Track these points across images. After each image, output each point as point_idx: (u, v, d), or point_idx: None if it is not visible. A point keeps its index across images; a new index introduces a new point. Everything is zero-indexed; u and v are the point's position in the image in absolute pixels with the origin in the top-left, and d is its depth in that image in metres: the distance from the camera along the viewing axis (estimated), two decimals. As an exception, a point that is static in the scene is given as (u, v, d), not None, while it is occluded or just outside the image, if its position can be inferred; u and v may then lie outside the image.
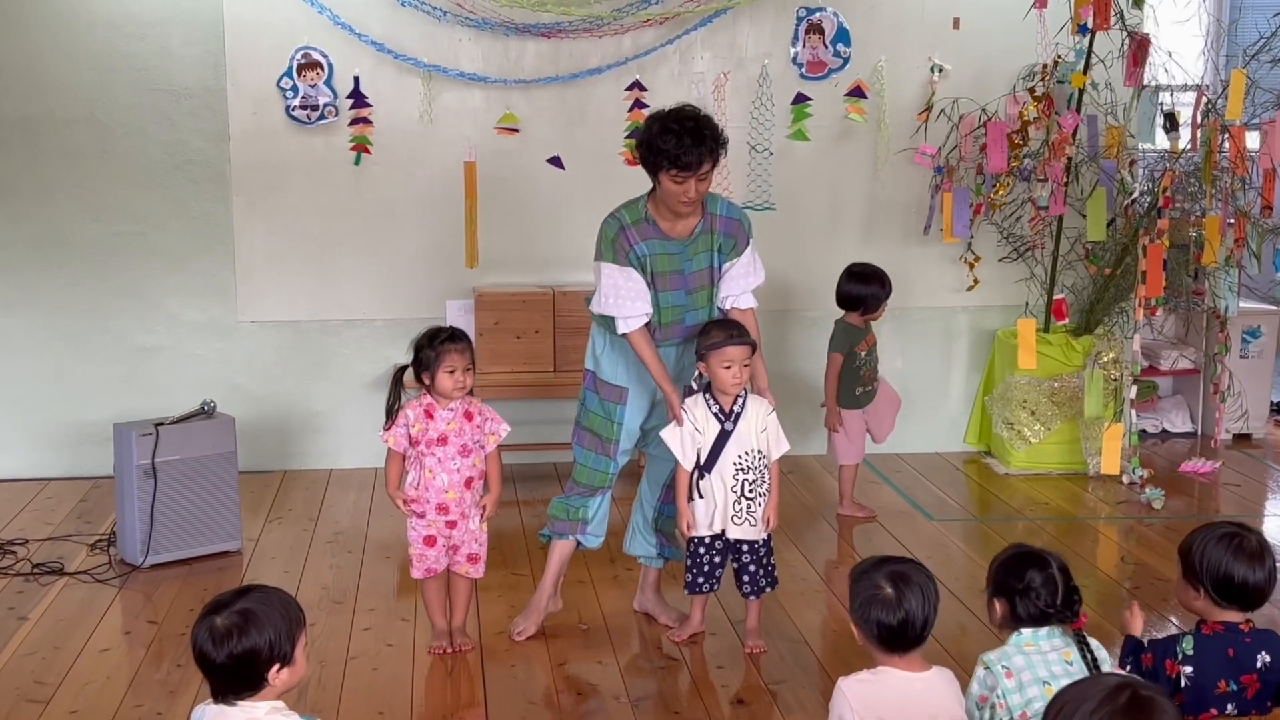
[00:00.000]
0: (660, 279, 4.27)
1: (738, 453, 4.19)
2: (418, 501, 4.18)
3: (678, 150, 4.08)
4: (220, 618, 2.62)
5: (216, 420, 5.23)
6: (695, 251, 4.29)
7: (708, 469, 4.20)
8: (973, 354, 6.80)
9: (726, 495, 4.20)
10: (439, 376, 4.11)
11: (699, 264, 4.30)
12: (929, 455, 6.72)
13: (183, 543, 5.14)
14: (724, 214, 4.32)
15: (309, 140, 6.28)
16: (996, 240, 6.56)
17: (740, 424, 4.20)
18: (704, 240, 4.30)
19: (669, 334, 4.35)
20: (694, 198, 4.15)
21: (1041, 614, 2.99)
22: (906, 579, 2.89)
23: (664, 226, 4.26)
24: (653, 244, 4.25)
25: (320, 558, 5.26)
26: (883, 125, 6.50)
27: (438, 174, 6.37)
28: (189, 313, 6.35)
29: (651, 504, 4.55)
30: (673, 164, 4.09)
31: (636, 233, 4.25)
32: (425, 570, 4.25)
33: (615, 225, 4.26)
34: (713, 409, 4.21)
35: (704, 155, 4.10)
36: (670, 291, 4.29)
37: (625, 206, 4.31)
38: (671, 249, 4.26)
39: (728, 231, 4.32)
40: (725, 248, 4.32)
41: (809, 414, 6.60)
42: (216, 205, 6.29)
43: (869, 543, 5.39)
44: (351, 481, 6.28)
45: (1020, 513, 5.85)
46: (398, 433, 4.17)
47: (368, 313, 6.44)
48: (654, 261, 4.26)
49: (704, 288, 4.33)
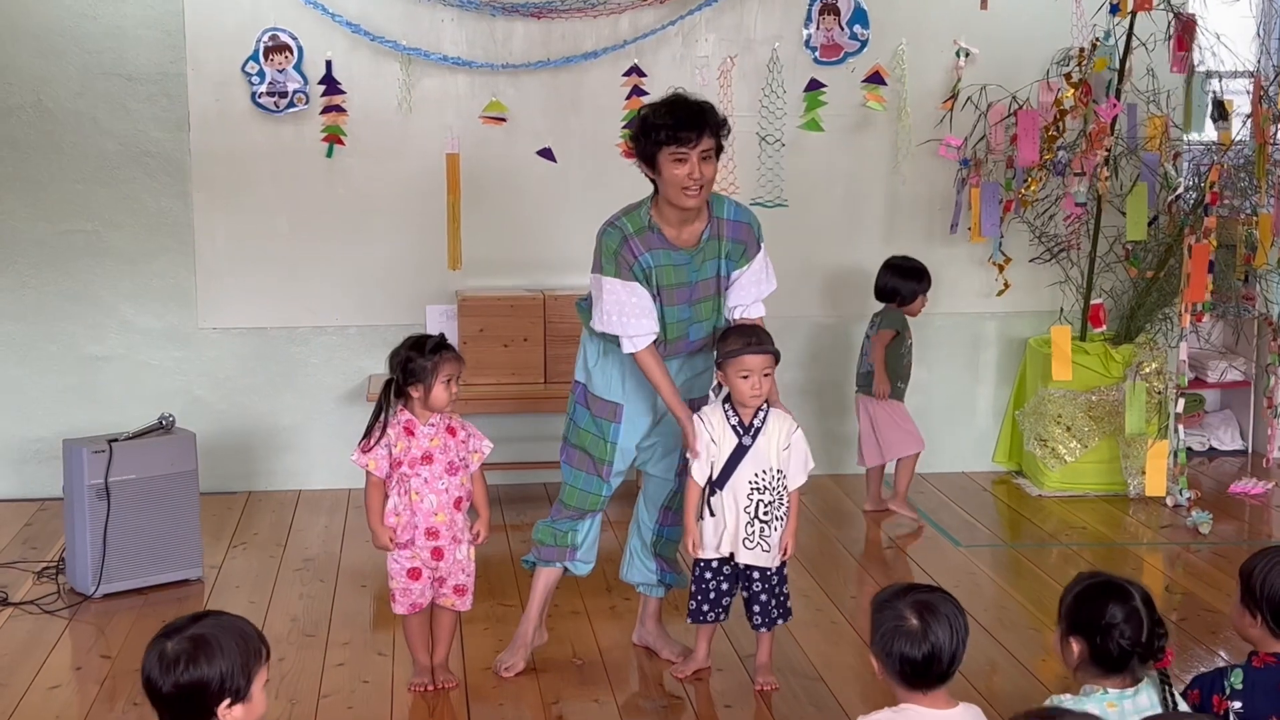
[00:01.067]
0: (666, 292, 4.28)
1: (754, 470, 4.21)
2: (402, 529, 4.20)
3: (674, 123, 4.11)
4: (171, 642, 2.64)
5: (175, 436, 5.25)
6: (703, 260, 4.31)
7: (720, 485, 4.23)
8: (1002, 364, 6.85)
9: (739, 516, 4.22)
10: (435, 388, 4.13)
11: (706, 273, 4.32)
12: (955, 475, 6.76)
13: (138, 570, 5.16)
14: (731, 217, 4.33)
15: (277, 130, 6.32)
16: (1028, 240, 6.60)
17: (759, 439, 4.22)
18: (711, 247, 4.31)
19: (673, 349, 4.37)
20: (699, 180, 4.14)
21: (1124, 653, 2.98)
22: (933, 609, 2.90)
23: (670, 234, 4.27)
24: (658, 254, 4.26)
25: (289, 587, 5.28)
26: (904, 114, 6.54)
27: (417, 167, 6.41)
28: (145, 319, 6.38)
29: (650, 526, 4.58)
30: (671, 138, 4.11)
31: (641, 243, 4.25)
32: (409, 606, 4.27)
33: (618, 236, 4.26)
34: (731, 421, 4.24)
35: (704, 128, 4.13)
36: (676, 306, 4.30)
37: (626, 214, 4.31)
38: (678, 259, 4.27)
39: (736, 236, 4.33)
40: (734, 254, 4.33)
41: (822, 427, 6.64)
42: (175, 201, 6.32)
43: (890, 570, 5.42)
44: (322, 503, 6.31)
45: (1055, 538, 5.89)
46: (379, 454, 4.17)
47: (340, 319, 6.47)
48: (660, 274, 4.27)
49: (710, 298, 4.35)
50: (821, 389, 6.73)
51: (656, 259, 4.26)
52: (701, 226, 4.30)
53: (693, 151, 4.12)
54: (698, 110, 4.16)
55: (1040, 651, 4.63)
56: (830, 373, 6.75)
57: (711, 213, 4.31)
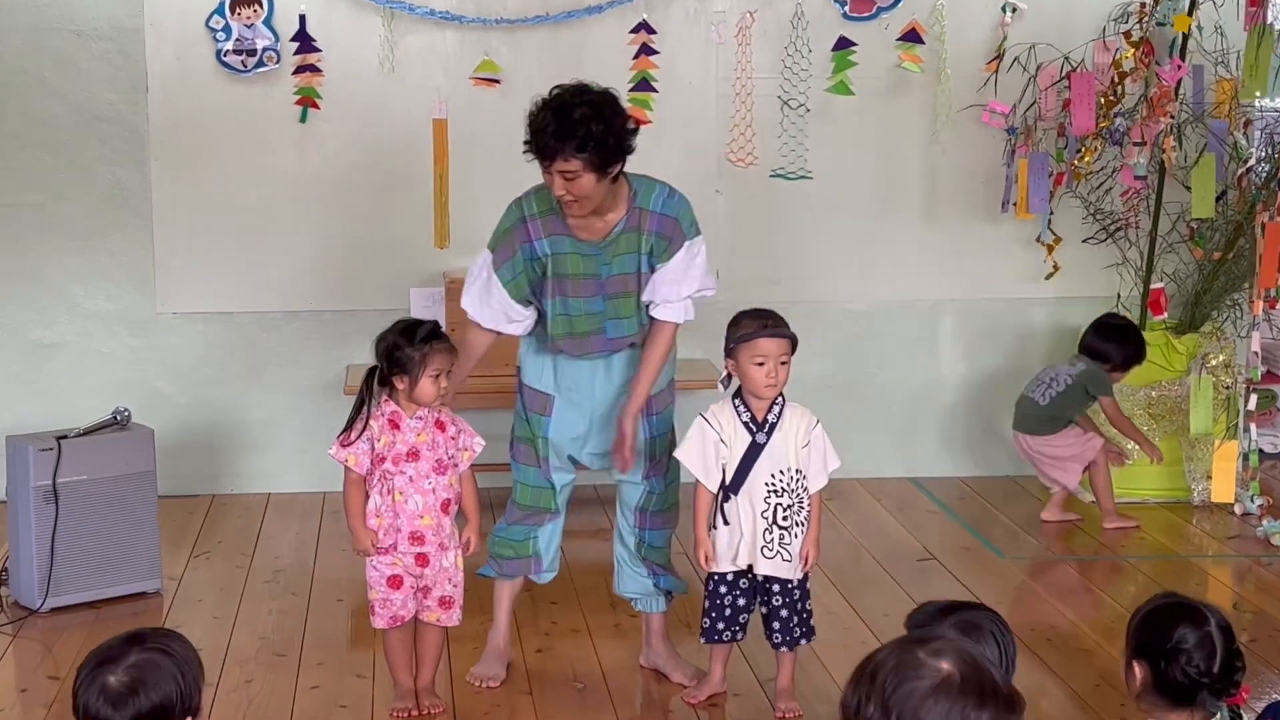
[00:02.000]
0: (570, 283, 4.31)
1: (771, 471, 4.20)
2: (384, 532, 4.18)
3: (535, 129, 4.15)
4: (113, 676, 2.63)
5: (131, 433, 5.24)
6: (616, 253, 4.31)
7: (734, 490, 4.22)
8: (1051, 355, 6.81)
9: (755, 522, 4.21)
10: (423, 381, 4.12)
11: (621, 268, 4.32)
12: (999, 479, 6.74)
13: (90, 582, 5.14)
14: (658, 209, 4.30)
15: (244, 92, 6.30)
16: (1081, 218, 6.57)
17: (775, 436, 4.21)
18: (627, 240, 4.30)
19: (587, 346, 4.39)
20: (563, 197, 4.15)
21: (1193, 683, 2.95)
22: (978, 629, 2.87)
23: (575, 224, 4.28)
24: (560, 241, 4.29)
25: (257, 601, 5.27)
26: (943, 77, 6.51)
27: (401, 134, 6.38)
28: (97, 302, 6.37)
29: (630, 532, 4.61)
30: (532, 149, 4.16)
31: (544, 225, 4.29)
32: (390, 619, 4.25)
33: (516, 214, 4.33)
34: (743, 417, 4.22)
35: (565, 144, 4.09)
36: (583, 298, 4.32)
37: (537, 191, 4.34)
38: (585, 250, 4.30)
39: (660, 230, 4.30)
40: (657, 250, 4.32)
41: (850, 425, 6.62)
42: (131, 171, 6.31)
43: (926, 584, 5.40)
44: (294, 508, 6.29)
45: (1110, 549, 5.86)
46: (360, 449, 4.16)
47: (314, 303, 6.46)
48: (558, 262, 4.30)
49: (629, 294, 4.35)
50: (850, 383, 6.71)
51: (557, 246, 4.29)
52: (616, 218, 4.29)
53: (554, 169, 4.14)
54: (564, 122, 4.11)
55: (1093, 676, 4.61)
56: (859, 365, 6.73)
57: (634, 202, 4.30)
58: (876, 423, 6.74)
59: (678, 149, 6.52)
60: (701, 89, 6.51)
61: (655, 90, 6.35)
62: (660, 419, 4.53)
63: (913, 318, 6.76)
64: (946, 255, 6.69)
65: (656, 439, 4.52)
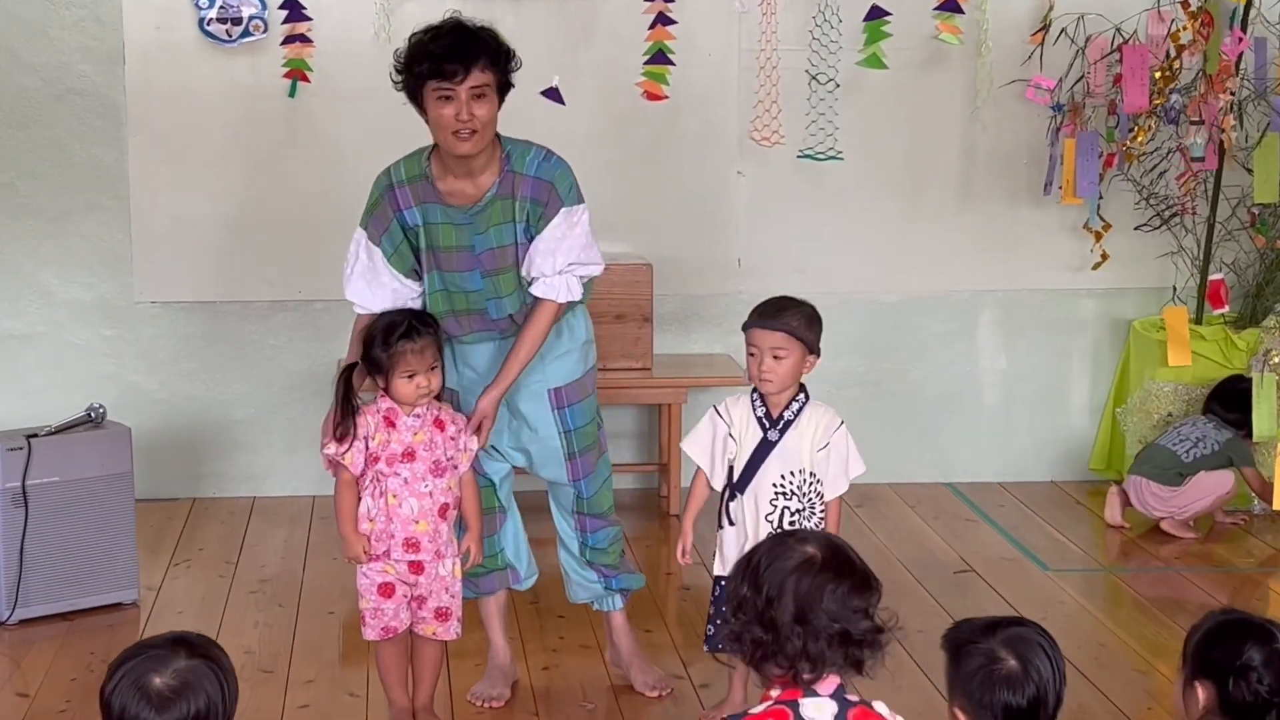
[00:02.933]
0: (443, 255, 4.31)
1: (780, 472, 4.21)
2: (377, 538, 4.20)
3: (438, 48, 4.15)
4: (158, 678, 2.66)
5: (107, 431, 5.25)
6: (490, 222, 4.30)
7: (740, 488, 4.24)
8: (1101, 352, 6.82)
9: (758, 525, 4.22)
10: (396, 382, 4.15)
11: (496, 239, 4.31)
12: (1042, 485, 6.74)
13: (62, 591, 5.16)
14: (532, 173, 4.30)
15: (229, 64, 6.31)
16: (1133, 202, 6.57)
17: (790, 435, 4.22)
18: (501, 208, 4.30)
19: (469, 326, 4.40)
20: (468, 124, 4.15)
21: (1263, 703, 2.93)
22: (1029, 644, 2.87)
23: (445, 189, 4.29)
24: (430, 209, 4.29)
25: (242, 613, 5.28)
26: (984, 49, 6.51)
27: (397, 109, 6.31)
28: (71, 290, 6.39)
29: (572, 536, 4.64)
30: (434, 71, 4.15)
31: (411, 193, 4.30)
32: (382, 630, 4.26)
33: (384, 182, 4.35)
34: (758, 411, 4.24)
35: (475, 57, 4.15)
36: (459, 273, 4.32)
37: (406, 158, 4.38)
38: (457, 217, 4.29)
39: (536, 196, 4.30)
40: (533, 217, 4.31)
41: (881, 425, 6.62)
42: (108, 149, 6.32)
43: (963, 598, 5.41)
44: (282, 513, 6.31)
45: (1164, 561, 5.86)
46: (356, 448, 4.17)
47: (304, 292, 6.47)
48: (430, 233, 4.30)
49: (507, 269, 4.34)
50: (881, 380, 6.71)
51: (429, 215, 4.30)
52: (488, 181, 4.29)
53: (460, 88, 4.15)
54: (469, 37, 4.18)
55: (1145, 698, 4.61)
56: (891, 361, 6.73)
57: (507, 165, 4.30)
58: (909, 423, 6.74)
59: (695, 127, 6.54)
60: (722, 62, 6.52)
61: (672, 63, 6.34)
62: (576, 411, 4.52)
63: (949, 310, 6.76)
64: (986, 243, 6.69)
65: (573, 433, 4.52)
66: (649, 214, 6.52)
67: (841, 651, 2.68)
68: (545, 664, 4.86)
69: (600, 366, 6.18)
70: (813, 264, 6.63)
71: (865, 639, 2.68)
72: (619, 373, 6.26)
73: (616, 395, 6.33)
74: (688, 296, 6.63)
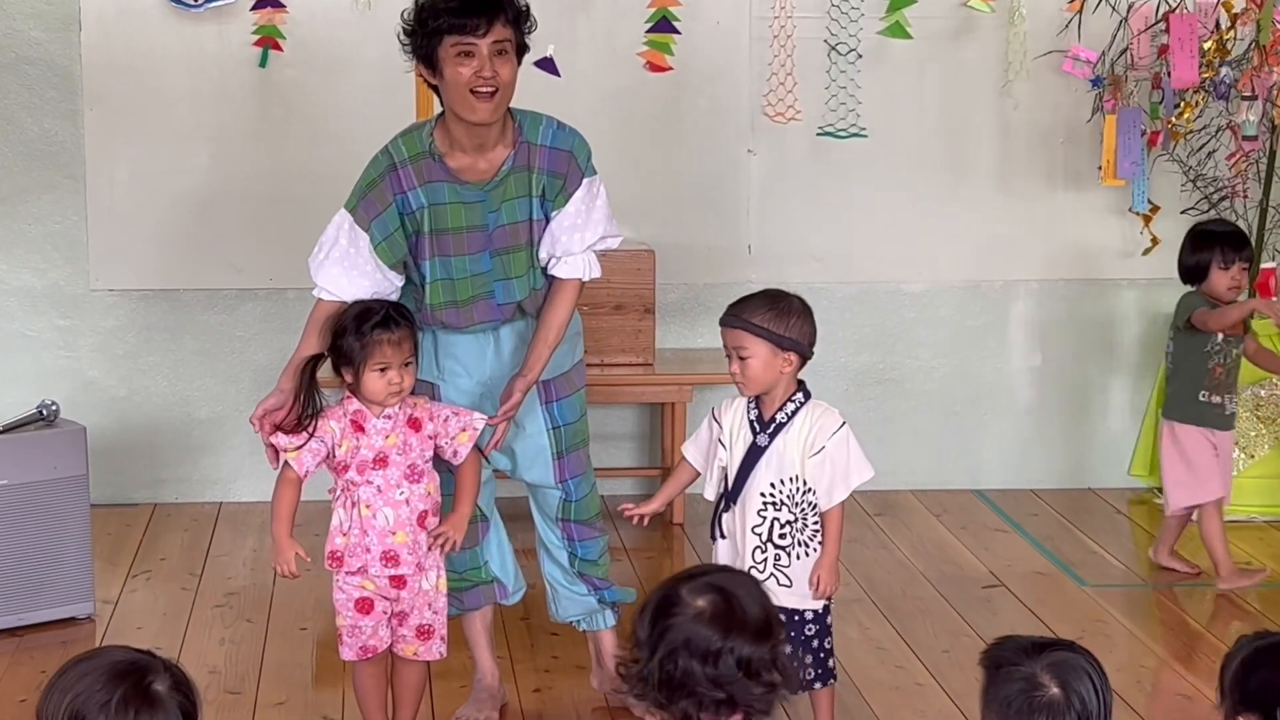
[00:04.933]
0: (452, 239, 4.31)
1: (769, 480, 4.21)
2: (351, 553, 4.19)
3: (456, 2, 4.14)
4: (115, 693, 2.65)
5: (59, 431, 5.25)
6: (504, 198, 4.31)
7: (733, 498, 4.25)
8: (1143, 347, 6.82)
9: (746, 539, 4.22)
10: (366, 376, 4.13)
11: (511, 215, 4.32)
12: (1079, 492, 6.75)
13: (10, 605, 5.15)
14: (548, 143, 4.33)
15: (195, 31, 6.31)
16: (1180, 185, 6.57)
17: (779, 439, 4.21)
18: (517, 181, 4.31)
19: (472, 315, 4.38)
20: (491, 81, 4.16)
21: None
22: (1074, 668, 2.87)
23: (456, 165, 4.29)
24: (437, 189, 4.29)
25: (206, 629, 5.29)
26: (1017, 17, 6.51)
27: (377, 81, 6.39)
28: (21, 276, 6.39)
29: (559, 545, 4.64)
30: (453, 26, 4.15)
31: (415, 173, 4.29)
32: (360, 649, 4.25)
33: (384, 162, 4.31)
34: (750, 414, 4.25)
35: (495, 11, 4.16)
36: (468, 255, 4.32)
37: (404, 135, 4.36)
38: (468, 195, 4.29)
39: (554, 168, 4.33)
40: (551, 190, 4.33)
41: (903, 428, 6.62)
42: (61, 122, 6.33)
43: (992, 615, 5.41)
44: (250, 520, 6.31)
45: (1210, 576, 5.86)
46: (310, 449, 4.15)
47: (274, 279, 6.47)
48: (437, 215, 4.29)
49: (520, 247, 4.35)
50: (905, 377, 6.71)
51: (435, 195, 4.29)
52: (502, 155, 4.31)
53: (482, 42, 4.15)
54: None
55: (1191, 725, 4.62)
56: (916, 356, 6.73)
57: (520, 136, 4.32)
58: (935, 424, 6.74)
59: (703, 101, 6.53)
60: (733, 30, 6.51)
61: (678, 32, 6.35)
62: (565, 406, 4.53)
63: (979, 301, 6.76)
64: (1020, 228, 6.69)
65: (562, 430, 4.53)
66: (652, 196, 6.51)
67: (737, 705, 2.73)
68: (536, 685, 4.87)
69: (598, 362, 6.23)
70: (830, 251, 6.62)
71: (757, 702, 2.73)
72: (618, 369, 6.26)
73: (616, 393, 6.33)
74: (694, 286, 6.62)
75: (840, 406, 4.41)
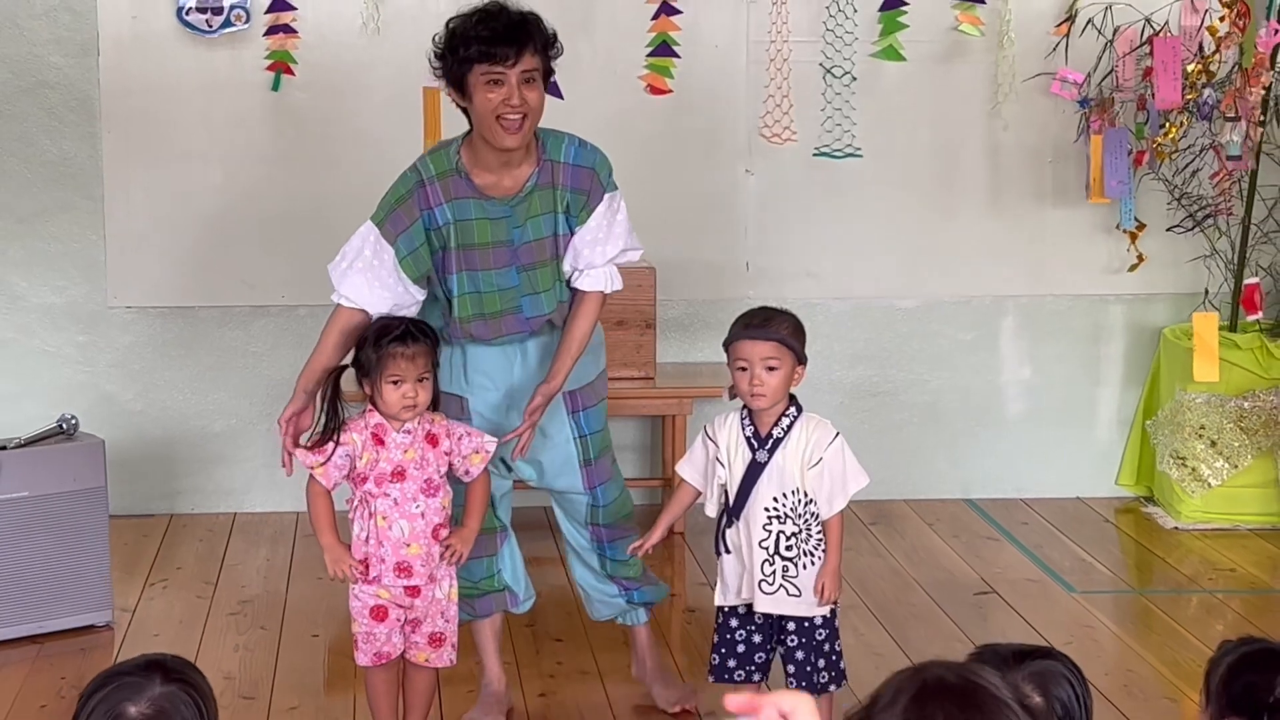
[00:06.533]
0: (479, 254, 4.34)
1: (772, 494, 4.21)
2: (368, 563, 4.21)
3: (488, 32, 4.19)
4: (133, 706, 2.68)
5: (79, 443, 5.28)
6: (529, 214, 4.35)
7: (735, 514, 4.25)
8: (1130, 361, 6.83)
9: (753, 553, 4.23)
10: (383, 388, 4.16)
11: (536, 231, 4.37)
12: (1067, 501, 6.76)
13: (31, 613, 5.17)
14: (571, 161, 4.39)
15: (209, 56, 6.33)
16: (1165, 203, 6.58)
17: (779, 454, 4.22)
18: (541, 198, 4.36)
19: (500, 328, 4.41)
20: (520, 109, 4.20)
21: None
22: (1055, 678, 2.89)
23: (482, 182, 4.33)
24: (464, 205, 4.33)
25: (221, 636, 5.31)
26: (1007, 41, 6.53)
27: (387, 104, 6.42)
28: (41, 293, 6.41)
29: (589, 548, 4.66)
30: (483, 54, 4.19)
31: (442, 189, 4.33)
32: (375, 655, 4.28)
33: (412, 179, 4.36)
34: (746, 430, 4.26)
35: (525, 41, 4.20)
36: (494, 270, 4.35)
37: (432, 153, 4.42)
38: (493, 211, 4.33)
39: (576, 185, 4.38)
40: (574, 206, 4.39)
41: (899, 439, 6.64)
42: (80, 145, 6.35)
43: (984, 621, 5.43)
44: (264, 530, 6.33)
45: (1195, 583, 5.88)
46: (335, 463, 4.18)
47: (288, 297, 6.49)
48: (464, 230, 4.33)
49: (545, 263, 4.39)
50: (898, 390, 6.72)
51: (461, 211, 4.33)
52: (528, 172, 4.35)
53: (511, 72, 4.20)
54: (518, 21, 4.24)
55: (1176, 727, 4.64)
56: (909, 370, 6.74)
57: (544, 154, 4.36)
58: (927, 435, 6.76)
59: (702, 122, 6.55)
60: (730, 54, 6.54)
61: (677, 55, 6.37)
62: (591, 415, 4.56)
63: (970, 316, 6.78)
64: (1009, 245, 6.71)
65: (588, 438, 4.56)
66: (652, 215, 6.49)
67: None
68: (542, 690, 4.88)
69: (600, 376, 6.25)
70: (825, 267, 6.65)
71: None
72: (620, 383, 6.27)
73: (618, 406, 6.31)
74: (693, 302, 6.65)
75: (835, 419, 4.44)
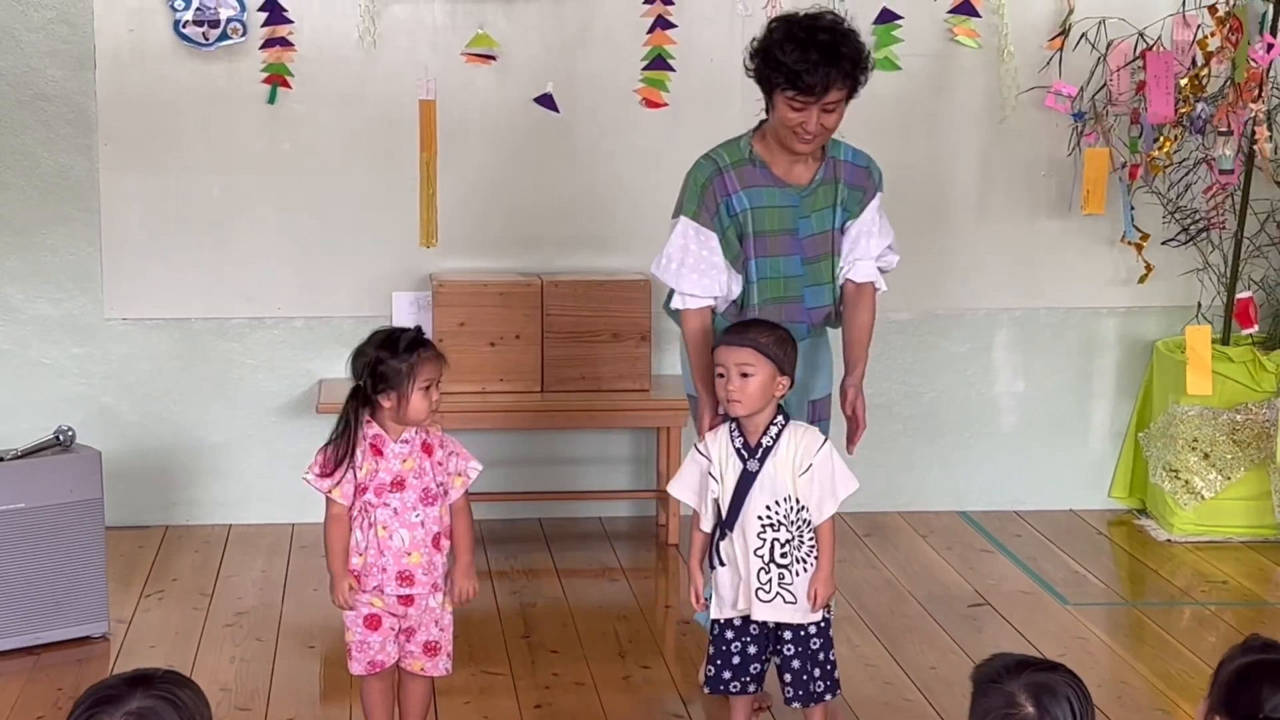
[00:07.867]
0: (768, 240, 4.49)
1: (765, 503, 4.23)
2: (367, 572, 4.19)
3: (800, 65, 4.34)
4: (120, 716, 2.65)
5: (75, 455, 5.26)
6: (814, 206, 4.55)
7: (729, 525, 4.26)
8: (1123, 374, 6.83)
9: (749, 561, 4.24)
10: (414, 396, 4.13)
11: (819, 224, 4.56)
12: (1061, 514, 6.75)
13: (26, 624, 5.16)
14: (850, 159, 4.63)
15: (206, 69, 6.32)
16: (1160, 217, 6.58)
17: (770, 462, 4.24)
18: (825, 192, 4.55)
19: (790, 315, 4.52)
20: (814, 134, 4.39)
21: None
22: (1052, 691, 2.86)
23: (776, 170, 4.50)
24: (757, 193, 4.49)
25: (217, 647, 5.29)
26: (1006, 54, 6.53)
27: (383, 117, 6.41)
28: (37, 305, 6.39)
29: None
30: (791, 83, 4.34)
31: (737, 178, 4.50)
32: (368, 664, 4.27)
33: (709, 168, 4.53)
34: (735, 442, 4.27)
35: (834, 78, 4.37)
36: (780, 257, 4.51)
37: (724, 145, 4.58)
38: (783, 200, 4.50)
39: (854, 181, 4.60)
40: (851, 203, 4.59)
41: (890, 450, 6.63)
42: (77, 157, 6.34)
43: (978, 633, 5.42)
44: (259, 542, 6.31)
45: (1188, 594, 5.87)
46: (347, 480, 4.16)
47: (284, 308, 6.48)
48: (756, 218, 4.49)
49: (826, 256, 4.59)
50: (892, 402, 6.71)
51: (755, 199, 4.49)
52: (815, 166, 4.55)
53: (815, 104, 4.37)
54: (829, 51, 4.36)
55: (1170, 739, 4.62)
56: (903, 382, 6.73)
57: (827, 151, 4.56)
58: (922, 448, 6.74)
59: (698, 136, 6.48)
60: (725, 67, 6.51)
61: (672, 69, 6.38)
62: (824, 427, 4.64)
63: (964, 329, 6.77)
64: (1003, 258, 6.70)
65: None
66: (647, 227, 6.49)
67: None
68: (537, 701, 4.86)
69: (595, 388, 6.24)
70: (820, 280, 6.63)
71: None
72: (615, 394, 6.27)
73: (613, 418, 6.34)
74: (688, 314, 6.62)
75: (830, 430, 4.43)
